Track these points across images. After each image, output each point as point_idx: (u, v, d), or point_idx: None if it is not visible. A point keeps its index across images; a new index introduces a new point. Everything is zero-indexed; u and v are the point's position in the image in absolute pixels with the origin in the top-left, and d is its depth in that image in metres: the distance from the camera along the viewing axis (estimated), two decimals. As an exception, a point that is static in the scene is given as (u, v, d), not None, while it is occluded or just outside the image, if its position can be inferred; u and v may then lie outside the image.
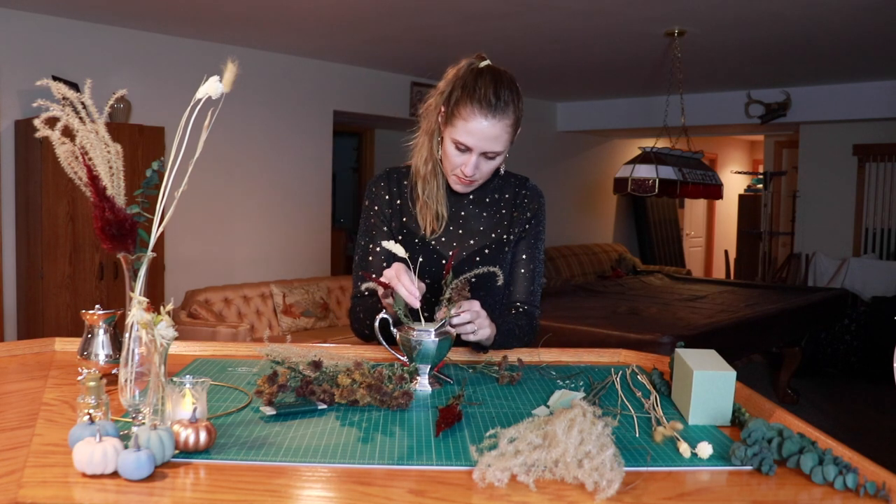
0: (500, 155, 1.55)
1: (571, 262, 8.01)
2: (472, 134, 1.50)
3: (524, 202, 1.69)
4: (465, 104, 1.50)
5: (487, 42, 5.07)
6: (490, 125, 1.49)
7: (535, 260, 1.70)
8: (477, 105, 1.48)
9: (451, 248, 1.64)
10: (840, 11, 4.19)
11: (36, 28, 4.46)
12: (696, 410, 1.17)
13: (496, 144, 1.51)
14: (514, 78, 1.55)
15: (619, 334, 3.53)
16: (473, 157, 1.52)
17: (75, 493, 0.87)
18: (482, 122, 1.48)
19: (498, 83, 1.50)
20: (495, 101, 1.48)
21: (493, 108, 1.48)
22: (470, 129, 1.49)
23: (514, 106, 1.51)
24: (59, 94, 1.08)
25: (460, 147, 1.52)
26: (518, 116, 1.53)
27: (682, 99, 5.33)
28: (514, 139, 1.56)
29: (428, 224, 1.64)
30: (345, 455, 1.00)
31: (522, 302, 1.68)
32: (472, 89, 1.50)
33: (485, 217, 1.67)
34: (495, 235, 1.66)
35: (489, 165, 1.56)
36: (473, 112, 1.48)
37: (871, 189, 7.07)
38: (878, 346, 5.72)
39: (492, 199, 1.69)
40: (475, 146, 1.51)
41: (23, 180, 4.39)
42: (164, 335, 1.01)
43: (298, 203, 5.99)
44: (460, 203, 1.67)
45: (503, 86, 1.50)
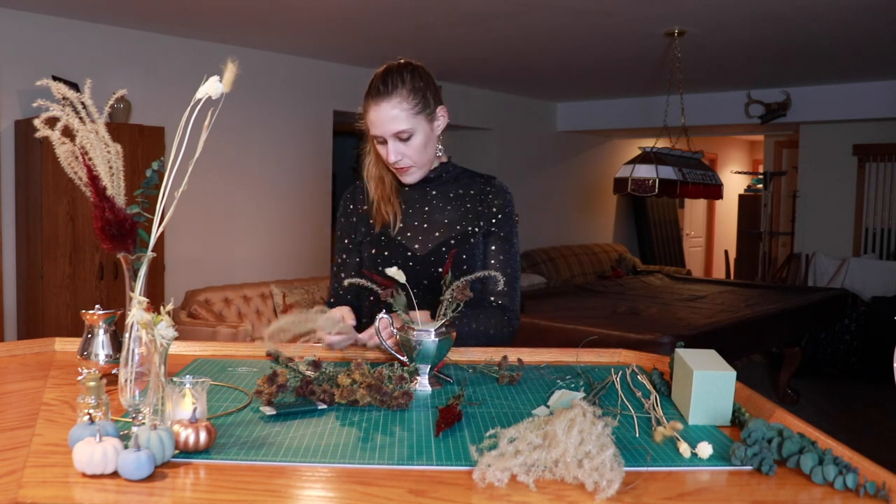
0: (415, 134, 1.63)
1: (571, 262, 8.01)
2: (374, 124, 1.62)
3: (489, 198, 1.73)
4: (364, 102, 1.64)
5: (487, 42, 5.07)
6: (383, 108, 1.60)
7: (506, 253, 1.72)
8: (370, 97, 1.62)
9: (417, 241, 1.70)
10: (840, 11, 4.19)
11: (36, 28, 4.46)
12: (696, 410, 1.17)
13: (397, 123, 1.60)
14: (410, 64, 1.66)
15: (619, 334, 3.53)
16: (389, 143, 1.63)
17: (75, 493, 0.87)
18: (375, 109, 1.61)
19: (386, 72, 1.62)
20: (382, 87, 1.60)
21: (380, 93, 1.60)
22: (371, 120, 1.63)
23: (404, 84, 1.61)
24: (59, 94, 1.08)
25: (378, 140, 1.65)
26: (413, 93, 1.61)
27: (682, 99, 5.33)
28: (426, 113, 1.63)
29: (378, 223, 1.72)
30: (345, 455, 1.00)
31: (496, 296, 1.70)
32: (367, 88, 1.64)
33: (449, 210, 1.73)
34: (460, 227, 1.71)
35: (411, 148, 1.64)
36: (368, 104, 1.63)
37: (871, 189, 7.07)
38: (878, 346, 5.72)
39: (456, 194, 1.74)
40: (383, 133, 1.62)
41: (23, 180, 4.39)
42: (164, 335, 1.01)
43: (298, 203, 5.99)
44: (424, 199, 1.74)
45: (391, 72, 1.62)
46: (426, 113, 1.63)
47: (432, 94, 1.65)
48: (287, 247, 5.96)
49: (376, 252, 1.71)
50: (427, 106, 1.63)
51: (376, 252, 1.71)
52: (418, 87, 1.62)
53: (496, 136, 7.56)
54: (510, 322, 1.71)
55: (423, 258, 1.68)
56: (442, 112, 1.68)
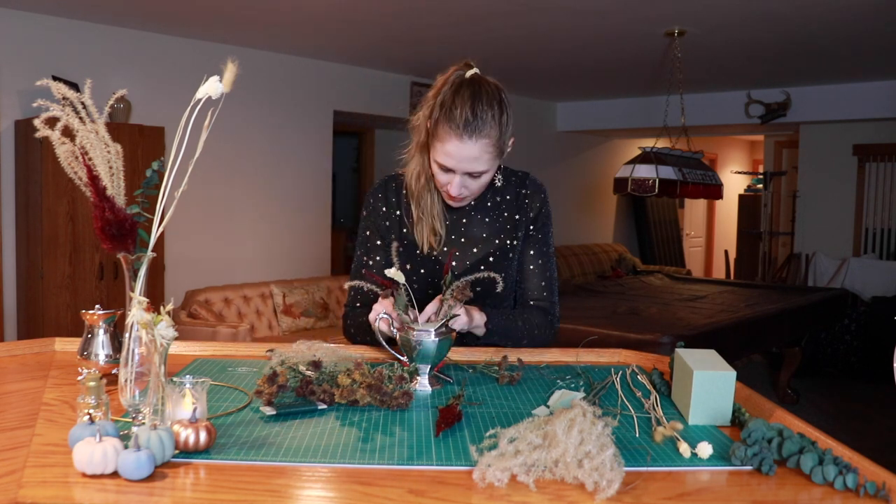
0: (488, 173, 1.51)
1: (571, 262, 8.01)
2: (451, 156, 1.45)
3: (525, 202, 1.65)
4: (442, 125, 1.45)
5: (487, 42, 5.07)
6: (467, 147, 1.43)
7: (543, 255, 1.67)
8: (453, 126, 1.43)
9: (454, 257, 1.61)
10: (840, 11, 4.19)
11: (36, 28, 4.46)
12: (696, 410, 1.17)
13: (477, 164, 1.46)
14: (498, 88, 1.48)
15: (619, 334, 3.53)
16: (457, 177, 1.48)
17: (75, 493, 0.87)
18: (459, 144, 1.43)
19: (476, 99, 1.44)
20: (472, 120, 1.42)
21: (468, 130, 1.42)
22: (447, 151, 1.45)
23: (495, 121, 1.44)
24: (59, 94, 1.08)
25: (443, 168, 1.49)
26: (501, 131, 1.46)
27: (682, 99, 5.33)
28: (503, 152, 1.51)
29: (425, 241, 1.60)
30: (345, 455, 1.00)
31: (536, 300, 1.67)
32: (448, 109, 1.44)
33: (487, 223, 1.64)
34: (499, 241, 1.63)
35: (476, 183, 1.52)
36: (449, 134, 1.43)
37: (871, 189, 7.07)
38: (878, 346, 5.72)
39: (493, 202, 1.65)
40: (456, 168, 1.47)
41: (23, 180, 4.39)
42: (164, 335, 1.01)
43: (298, 203, 5.99)
44: (461, 210, 1.64)
45: (481, 102, 1.44)
46: (503, 153, 1.50)
47: (509, 127, 1.49)
48: (287, 247, 5.96)
49: (411, 268, 1.60)
50: (506, 144, 1.50)
51: (411, 268, 1.60)
52: (504, 125, 1.46)
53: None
54: (552, 324, 1.67)
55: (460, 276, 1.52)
56: (511, 143, 1.53)
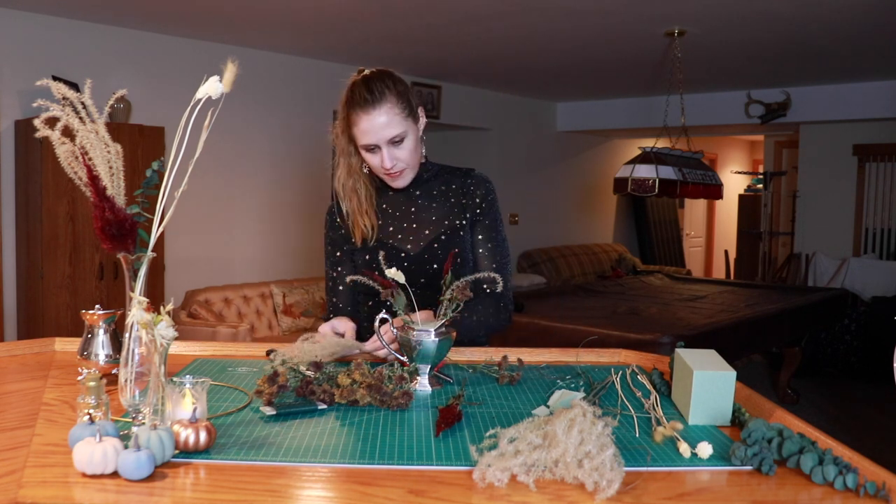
0: (407, 137, 1.64)
1: (571, 262, 8.01)
2: (367, 132, 1.61)
3: (471, 189, 1.76)
4: (351, 113, 1.62)
5: (487, 42, 5.07)
6: (375, 116, 1.59)
7: (493, 240, 1.76)
8: (358, 107, 1.61)
9: (408, 241, 1.72)
10: (840, 11, 4.19)
11: (36, 28, 4.46)
12: (696, 410, 1.17)
13: (391, 129, 1.61)
14: (386, 71, 1.66)
15: (619, 334, 3.53)
16: (384, 150, 1.63)
17: (75, 493, 0.87)
18: (366, 117, 1.60)
19: (368, 80, 1.62)
20: (369, 96, 1.60)
21: (369, 102, 1.60)
22: (362, 129, 1.61)
23: (390, 90, 1.61)
24: (59, 94, 1.08)
25: (369, 148, 1.64)
26: (399, 98, 1.62)
27: (682, 99, 5.33)
28: (413, 119, 1.66)
29: (359, 236, 1.73)
30: (345, 455, 1.00)
31: (487, 283, 1.72)
32: (350, 99, 1.63)
33: (435, 207, 1.75)
34: (448, 222, 1.73)
35: (403, 151, 1.65)
36: (358, 114, 1.61)
37: (871, 189, 7.07)
38: (878, 346, 5.72)
39: (439, 191, 1.77)
40: (377, 140, 1.61)
41: (23, 180, 4.39)
42: (164, 335, 1.01)
43: (298, 203, 5.99)
44: (409, 199, 1.76)
45: (373, 80, 1.62)
46: (412, 115, 1.66)
47: (412, 96, 1.68)
48: (287, 247, 5.96)
49: (370, 258, 1.71)
50: (412, 108, 1.66)
51: (370, 258, 1.71)
52: (402, 91, 1.64)
53: (496, 136, 7.56)
54: (506, 308, 1.75)
55: (417, 257, 1.70)
56: (422, 113, 1.72)
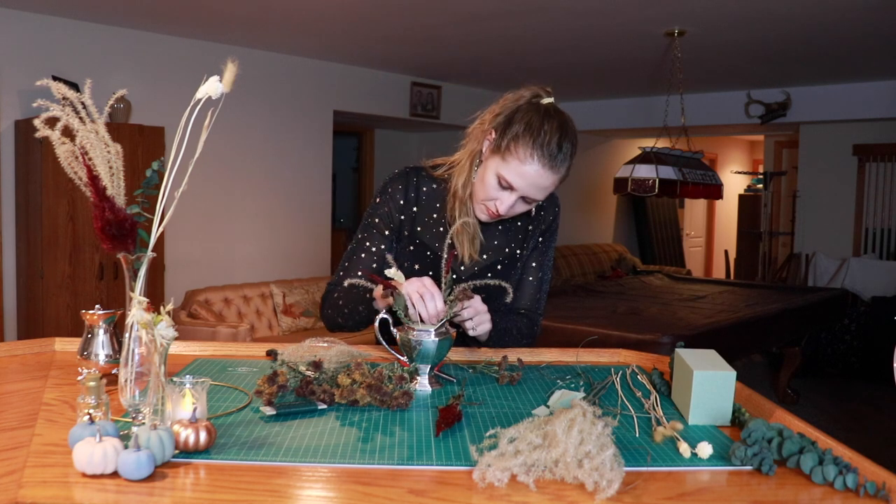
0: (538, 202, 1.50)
1: (571, 262, 8.01)
2: (524, 178, 1.42)
3: (541, 214, 1.65)
4: (525, 145, 1.41)
5: (487, 42, 5.07)
6: (545, 176, 1.42)
7: (543, 268, 1.68)
8: (538, 151, 1.40)
9: (464, 263, 1.61)
10: (840, 11, 4.19)
11: (36, 28, 4.46)
12: (696, 410, 1.17)
13: (542, 194, 1.45)
14: (575, 127, 1.48)
15: (619, 334, 3.52)
16: (514, 197, 1.45)
17: (75, 493, 0.87)
18: (539, 170, 1.41)
19: (563, 133, 1.42)
20: (557, 153, 1.41)
21: (552, 160, 1.41)
22: (523, 172, 1.41)
23: (570, 160, 1.45)
24: (59, 94, 1.08)
25: (503, 183, 1.44)
26: (568, 171, 1.46)
27: (682, 99, 5.33)
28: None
29: (466, 250, 1.57)
30: (345, 455, 1.00)
31: (527, 309, 1.68)
32: (536, 132, 1.41)
33: (500, 230, 1.62)
34: (509, 250, 1.63)
35: (523, 208, 1.50)
36: (533, 157, 1.40)
37: (871, 189, 7.07)
38: (878, 346, 5.72)
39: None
40: (521, 189, 1.44)
41: (23, 180, 4.39)
42: (164, 335, 1.01)
43: (298, 203, 5.99)
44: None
45: (567, 137, 1.43)
46: None
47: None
48: (287, 247, 5.96)
49: (419, 269, 1.57)
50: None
51: (419, 269, 1.57)
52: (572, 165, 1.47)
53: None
54: (535, 334, 1.69)
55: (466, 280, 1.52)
56: None
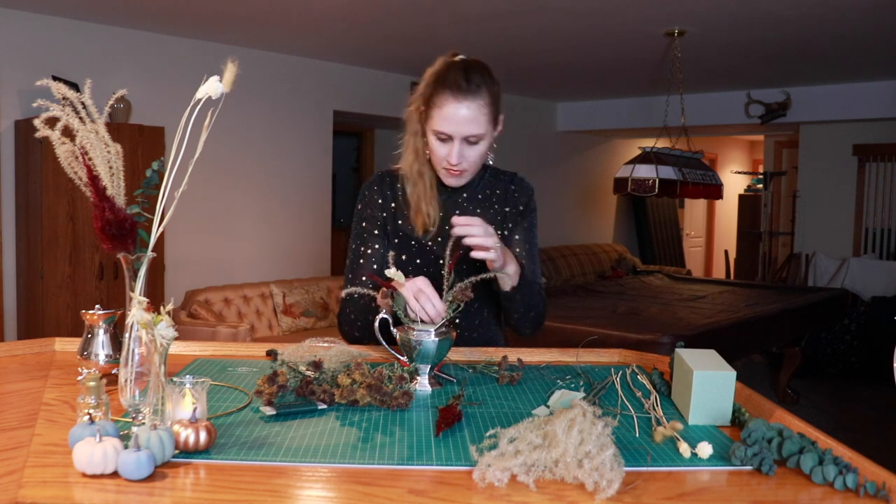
0: (483, 140, 1.56)
1: (571, 262, 8.01)
2: (449, 119, 1.52)
3: (515, 196, 1.71)
4: (438, 93, 1.52)
5: (487, 42, 5.07)
6: (465, 107, 1.51)
7: (530, 242, 1.72)
8: (449, 91, 1.51)
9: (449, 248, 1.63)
10: (840, 11, 4.19)
11: (36, 28, 4.46)
12: (696, 410, 1.17)
13: (474, 127, 1.53)
14: (487, 66, 1.57)
15: (619, 334, 3.52)
16: (456, 143, 1.54)
17: (75, 493, 0.87)
18: (456, 105, 1.51)
19: (468, 69, 1.53)
20: (466, 85, 1.51)
21: (464, 91, 1.51)
22: (445, 115, 1.52)
23: (487, 88, 1.53)
24: (59, 94, 1.08)
25: (441, 137, 1.55)
26: (493, 99, 1.54)
27: (682, 99, 5.33)
28: (496, 124, 1.58)
29: (419, 225, 1.64)
30: (345, 455, 1.00)
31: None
32: (443, 79, 1.53)
33: (479, 213, 1.68)
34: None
35: (474, 152, 1.57)
36: (447, 98, 1.51)
37: (871, 189, 7.07)
38: (878, 346, 5.72)
39: (483, 195, 1.71)
40: (454, 132, 1.53)
41: (23, 180, 4.39)
42: (164, 335, 1.01)
43: (298, 203, 5.99)
44: (453, 202, 1.68)
45: (473, 70, 1.53)
46: (495, 120, 1.58)
47: (501, 100, 1.59)
48: (287, 247, 5.96)
49: (407, 258, 1.64)
50: (498, 113, 1.58)
51: (407, 258, 1.64)
52: (496, 93, 1.56)
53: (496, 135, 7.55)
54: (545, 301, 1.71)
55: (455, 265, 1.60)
56: (501, 121, 1.62)
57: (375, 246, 1.66)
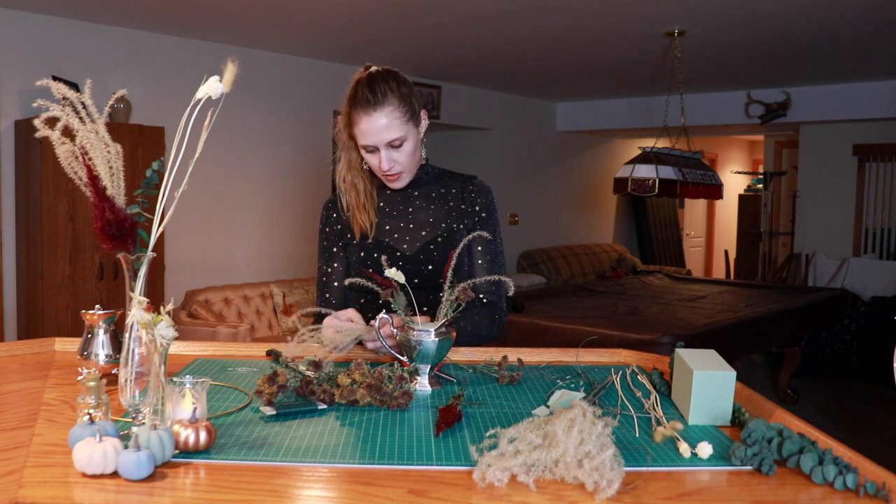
0: (407, 140, 1.64)
1: (571, 262, 8.01)
2: (366, 133, 1.62)
3: (471, 196, 1.77)
4: (353, 112, 1.63)
5: (488, 42, 5.07)
6: (375, 118, 1.60)
7: (491, 252, 1.75)
8: (359, 107, 1.61)
9: (404, 241, 1.72)
10: (840, 11, 4.19)
11: (36, 28, 4.46)
12: (696, 410, 1.17)
13: (390, 132, 1.61)
14: (392, 71, 1.67)
15: (619, 334, 3.52)
16: (382, 151, 1.64)
17: (75, 493, 0.87)
18: (368, 119, 1.61)
19: (372, 80, 1.63)
20: (371, 97, 1.60)
21: (372, 104, 1.60)
22: (362, 129, 1.62)
23: (393, 93, 1.61)
24: (59, 94, 1.08)
25: (368, 149, 1.65)
26: (403, 101, 1.62)
27: (682, 99, 5.33)
28: (414, 122, 1.66)
29: (357, 232, 1.74)
30: (345, 455, 1.00)
31: (485, 293, 1.73)
32: (353, 98, 1.63)
33: (433, 209, 1.75)
34: (445, 225, 1.73)
35: (401, 154, 1.65)
36: (359, 114, 1.62)
37: (871, 189, 7.07)
38: (878, 346, 5.72)
39: (438, 193, 1.77)
40: (376, 142, 1.62)
41: (23, 180, 4.39)
42: (164, 335, 1.01)
43: (298, 203, 5.99)
44: (407, 200, 1.76)
45: (377, 80, 1.62)
46: (414, 119, 1.66)
47: (416, 99, 1.67)
48: (287, 247, 5.96)
49: (365, 255, 1.72)
50: (414, 112, 1.66)
51: (365, 255, 1.72)
52: (405, 94, 1.64)
53: (496, 136, 7.56)
54: (500, 320, 1.75)
55: (412, 257, 1.70)
56: (424, 115, 1.72)
57: (336, 264, 1.79)
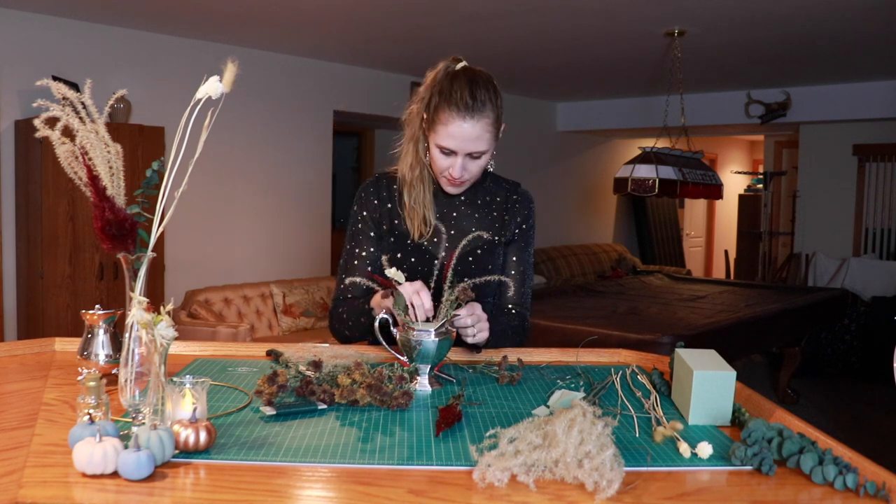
0: (486, 154, 1.57)
1: (571, 262, 8.00)
2: (454, 137, 1.52)
3: (515, 206, 1.72)
4: (443, 109, 1.53)
5: (487, 42, 5.07)
6: (470, 126, 1.51)
7: (524, 263, 1.73)
8: (455, 108, 1.51)
9: (443, 248, 1.66)
10: (840, 11, 4.19)
11: (36, 28, 4.46)
12: (696, 410, 1.17)
13: (479, 144, 1.54)
14: (490, 77, 1.57)
15: (619, 334, 3.52)
16: (459, 159, 1.55)
17: (75, 493, 0.87)
18: (461, 124, 1.51)
19: (473, 84, 1.53)
20: (472, 102, 1.51)
21: (470, 110, 1.51)
22: (451, 132, 1.52)
23: (492, 104, 1.53)
24: (59, 94, 1.08)
25: (445, 151, 1.55)
26: (498, 114, 1.55)
27: (682, 99, 5.33)
28: (498, 136, 1.58)
29: (415, 229, 1.65)
30: (345, 455, 1.00)
31: (514, 304, 1.72)
32: (448, 94, 1.53)
33: (476, 218, 1.69)
34: (487, 237, 1.69)
35: (476, 165, 1.58)
36: (452, 116, 1.51)
37: (871, 189, 7.07)
38: (878, 346, 5.72)
39: (483, 200, 1.71)
40: (459, 148, 1.54)
41: (23, 180, 4.39)
42: (164, 335, 1.01)
43: (298, 203, 5.99)
44: (452, 204, 1.70)
45: (479, 86, 1.53)
46: (499, 133, 1.58)
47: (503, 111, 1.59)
48: (287, 247, 5.96)
49: (401, 256, 1.65)
50: (501, 125, 1.58)
51: (401, 256, 1.65)
52: (500, 108, 1.56)
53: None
54: (527, 331, 1.74)
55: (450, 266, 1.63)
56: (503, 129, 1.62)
57: (370, 249, 1.69)
